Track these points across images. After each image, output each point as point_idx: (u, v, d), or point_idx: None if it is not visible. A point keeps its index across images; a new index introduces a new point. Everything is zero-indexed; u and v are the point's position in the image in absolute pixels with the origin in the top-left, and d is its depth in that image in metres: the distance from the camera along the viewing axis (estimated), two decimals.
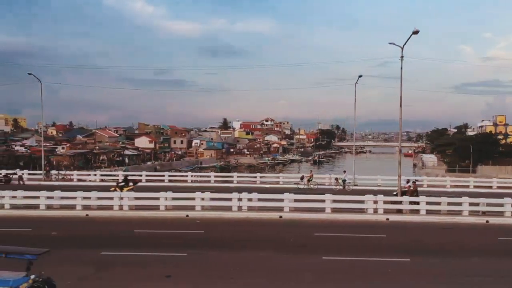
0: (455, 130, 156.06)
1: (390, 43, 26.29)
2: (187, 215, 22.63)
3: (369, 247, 17.23)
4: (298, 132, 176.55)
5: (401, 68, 26.46)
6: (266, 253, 15.85)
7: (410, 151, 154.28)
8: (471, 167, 71.10)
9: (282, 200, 23.62)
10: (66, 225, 20.40)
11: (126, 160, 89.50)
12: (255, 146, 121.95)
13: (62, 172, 43.61)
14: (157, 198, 23.51)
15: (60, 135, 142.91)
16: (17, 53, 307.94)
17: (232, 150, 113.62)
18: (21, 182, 39.42)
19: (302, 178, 37.86)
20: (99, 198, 23.97)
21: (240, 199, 23.47)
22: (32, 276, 9.10)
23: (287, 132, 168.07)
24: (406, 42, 25.70)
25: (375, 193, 25.27)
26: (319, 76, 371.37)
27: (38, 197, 23.86)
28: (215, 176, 43.38)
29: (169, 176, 44.55)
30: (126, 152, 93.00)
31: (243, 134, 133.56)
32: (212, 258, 15.08)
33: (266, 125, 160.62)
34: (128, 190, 27.12)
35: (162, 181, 41.29)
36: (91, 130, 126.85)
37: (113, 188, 28.06)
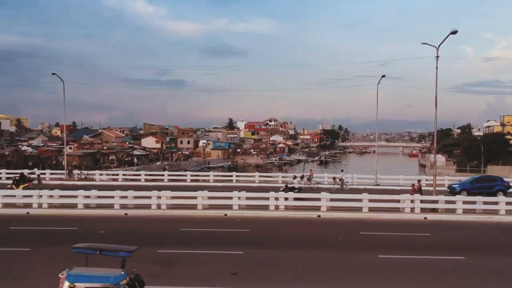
0: (459, 131, 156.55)
1: (423, 43, 26.34)
2: (226, 214, 22.69)
3: (419, 245, 17.28)
4: (302, 132, 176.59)
5: (436, 68, 26.43)
6: (322, 251, 15.89)
7: (414, 151, 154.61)
8: (482, 167, 71.23)
9: (319, 199, 23.69)
10: (110, 224, 20.41)
11: (135, 160, 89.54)
12: (261, 146, 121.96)
13: (85, 172, 43.59)
14: (195, 197, 23.56)
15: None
16: (17, 53, 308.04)
17: (238, 150, 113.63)
18: (38, 182, 39.38)
19: (302, 177, 38.31)
20: (135, 197, 24.01)
21: (277, 198, 23.52)
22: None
23: (291, 132, 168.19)
24: (443, 42, 25.74)
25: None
26: (319, 76, 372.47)
27: (75, 196, 23.89)
28: (237, 176, 43.74)
29: (191, 176, 44.58)
30: (135, 152, 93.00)
31: (248, 134, 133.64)
32: (270, 256, 15.13)
33: (270, 125, 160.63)
34: (23, 188, 27.82)
35: (185, 180, 41.48)
36: (97, 130, 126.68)
37: (9, 186, 29.07)
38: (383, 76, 38.08)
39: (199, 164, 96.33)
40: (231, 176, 43.71)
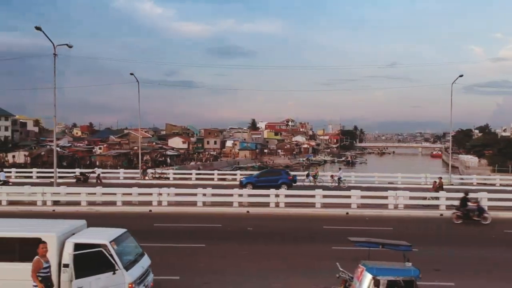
0: (477, 131, 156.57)
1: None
2: (347, 213, 23.14)
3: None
4: (322, 133, 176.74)
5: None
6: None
7: (434, 152, 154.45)
8: None
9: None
10: (249, 222, 20.73)
11: (168, 160, 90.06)
12: (285, 147, 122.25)
13: (158, 171, 43.97)
14: (313, 196, 24.00)
15: (85, 135, 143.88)
16: (25, 53, 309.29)
17: (265, 150, 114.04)
18: (98, 181, 39.74)
19: (307, 175, 38.58)
20: (250, 195, 24.47)
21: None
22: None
23: (309, 133, 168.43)
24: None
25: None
26: (326, 76, 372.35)
27: (194, 194, 24.38)
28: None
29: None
30: (168, 152, 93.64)
31: (271, 135, 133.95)
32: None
33: (289, 125, 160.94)
34: None
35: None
36: (123, 130, 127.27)
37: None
38: (461, 75, 37.79)
39: (230, 164, 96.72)
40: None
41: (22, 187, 25.83)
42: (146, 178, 40.21)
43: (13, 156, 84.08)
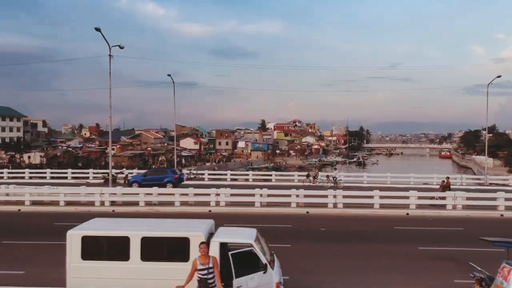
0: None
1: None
2: (408, 214, 23.25)
3: None
4: (329, 134, 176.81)
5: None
6: None
7: (443, 153, 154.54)
8: None
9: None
10: (316, 222, 20.76)
11: (183, 161, 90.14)
12: (296, 148, 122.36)
13: (194, 172, 44.08)
14: (371, 197, 24.14)
15: (94, 136, 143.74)
16: (29, 55, 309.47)
17: (277, 151, 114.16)
18: (127, 181, 39.83)
19: (307, 175, 38.82)
20: (307, 196, 24.58)
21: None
22: None
23: (317, 133, 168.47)
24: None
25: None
26: (328, 77, 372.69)
27: (252, 195, 24.54)
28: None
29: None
30: (182, 153, 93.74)
31: (281, 135, 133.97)
32: None
33: (297, 126, 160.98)
34: None
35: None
36: (133, 130, 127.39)
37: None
38: (499, 76, 37.70)
39: (243, 165, 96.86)
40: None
41: (78, 188, 25.93)
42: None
43: (29, 157, 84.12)
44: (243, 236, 9.92)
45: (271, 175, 45.53)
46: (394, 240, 17.37)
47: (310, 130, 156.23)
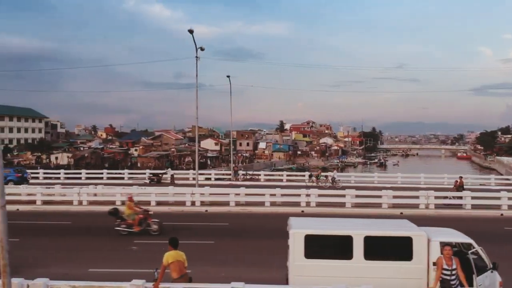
0: (499, 133, 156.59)
1: None
2: (502, 214, 23.41)
3: None
4: (342, 135, 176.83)
5: None
6: None
7: (460, 154, 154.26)
8: None
9: (499, 198, 24.32)
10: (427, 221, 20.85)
11: (209, 162, 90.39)
12: (315, 148, 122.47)
13: (250, 173, 44.25)
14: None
15: (110, 137, 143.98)
16: (37, 57, 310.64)
17: (299, 152, 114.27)
18: (172, 182, 39.92)
19: (310, 175, 39.12)
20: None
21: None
22: None
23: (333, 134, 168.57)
24: None
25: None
26: (335, 78, 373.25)
27: (343, 196, 24.75)
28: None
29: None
30: (208, 154, 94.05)
31: (299, 136, 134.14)
32: None
33: (313, 127, 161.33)
34: None
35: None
36: (154, 132, 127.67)
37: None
38: None
39: (267, 165, 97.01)
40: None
41: (167, 188, 26.07)
42: (238, 179, 40.52)
43: (56, 158, 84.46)
44: (461, 236, 10.04)
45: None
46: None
47: (326, 131, 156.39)
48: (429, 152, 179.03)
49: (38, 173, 45.40)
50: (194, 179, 42.91)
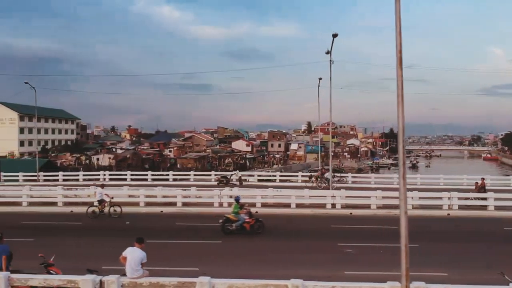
0: None
1: None
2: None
3: None
4: (362, 136, 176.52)
5: None
6: None
7: (484, 155, 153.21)
8: None
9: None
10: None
11: (247, 163, 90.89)
12: (345, 150, 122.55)
13: (338, 175, 44.39)
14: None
15: (134, 138, 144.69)
16: (48, 59, 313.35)
17: (332, 153, 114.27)
18: (239, 183, 40.26)
19: (310, 177, 39.19)
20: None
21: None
22: None
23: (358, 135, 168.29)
24: None
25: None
26: (345, 79, 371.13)
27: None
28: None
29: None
30: (248, 155, 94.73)
31: (327, 138, 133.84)
32: None
33: (337, 128, 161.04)
34: None
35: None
36: (183, 133, 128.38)
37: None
38: None
39: (304, 167, 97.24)
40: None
41: (302, 191, 26.58)
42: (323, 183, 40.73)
43: (97, 159, 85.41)
44: None
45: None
46: None
47: (351, 132, 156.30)
48: (451, 153, 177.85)
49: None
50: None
